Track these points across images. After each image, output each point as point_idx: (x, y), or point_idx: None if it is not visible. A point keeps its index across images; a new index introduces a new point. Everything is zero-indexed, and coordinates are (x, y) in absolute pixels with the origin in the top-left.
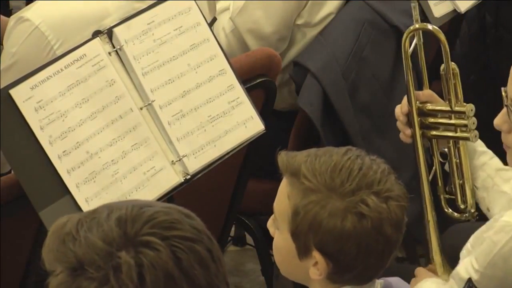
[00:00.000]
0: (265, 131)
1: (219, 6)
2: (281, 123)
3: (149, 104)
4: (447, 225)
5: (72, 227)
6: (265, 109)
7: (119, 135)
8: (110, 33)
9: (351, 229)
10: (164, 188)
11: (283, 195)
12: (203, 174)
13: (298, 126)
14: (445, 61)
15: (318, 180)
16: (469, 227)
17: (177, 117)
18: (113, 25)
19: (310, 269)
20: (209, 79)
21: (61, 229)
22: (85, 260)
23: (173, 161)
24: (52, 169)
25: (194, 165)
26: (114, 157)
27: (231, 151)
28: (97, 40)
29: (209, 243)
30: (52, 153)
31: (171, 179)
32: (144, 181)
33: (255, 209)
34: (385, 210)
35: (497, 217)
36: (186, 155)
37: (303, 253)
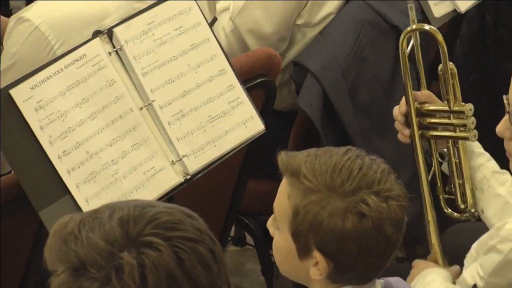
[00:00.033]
0: (265, 131)
1: (219, 6)
2: (281, 123)
3: (149, 104)
4: (447, 225)
5: (74, 227)
6: (265, 109)
7: (119, 135)
8: (110, 33)
9: (352, 229)
10: (164, 188)
11: (283, 195)
12: (203, 174)
13: (298, 126)
14: (443, 61)
15: (318, 180)
16: (469, 227)
17: (177, 117)
18: (113, 25)
19: (310, 269)
20: (209, 79)
21: (63, 228)
22: (87, 260)
23: (173, 161)
24: (52, 169)
25: (194, 165)
26: (114, 157)
27: (231, 151)
28: (97, 40)
29: (211, 243)
30: (52, 153)
31: (171, 179)
32: (144, 181)
33: (255, 209)
34: (386, 210)
35: (499, 224)
36: (186, 155)
37: (304, 253)
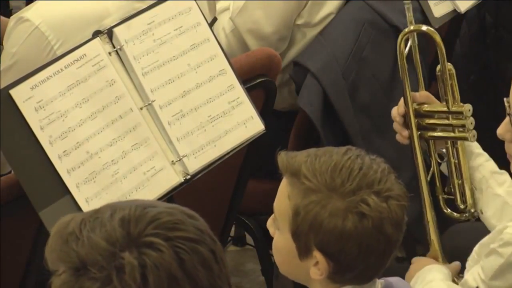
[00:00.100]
0: (265, 131)
1: (219, 6)
2: (281, 123)
3: (149, 104)
4: (447, 225)
5: (75, 227)
6: (265, 109)
7: (119, 135)
8: (110, 33)
9: (352, 229)
10: (164, 188)
11: (283, 195)
12: (203, 174)
13: (298, 126)
14: (441, 62)
15: (318, 180)
16: (469, 227)
17: (177, 117)
18: (113, 25)
19: (310, 269)
20: (209, 79)
21: (64, 228)
22: (88, 260)
23: (173, 161)
24: (52, 169)
25: (194, 165)
26: (114, 157)
27: (231, 151)
28: (97, 40)
29: (212, 244)
30: (52, 153)
31: (171, 179)
32: (144, 181)
33: (255, 209)
34: (386, 210)
35: (500, 227)
36: (186, 155)
37: (304, 253)
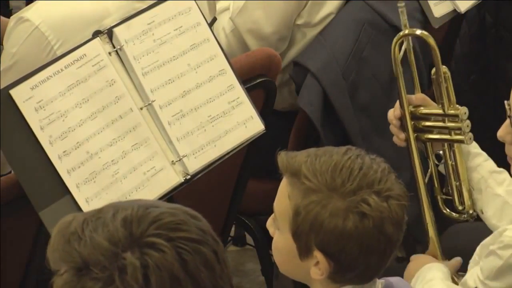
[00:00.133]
0: (265, 131)
1: (219, 6)
2: (281, 123)
3: (149, 104)
4: (446, 225)
5: (77, 227)
6: (265, 109)
7: (119, 135)
8: (110, 33)
9: (353, 228)
10: (164, 188)
11: (283, 195)
12: (203, 174)
13: (298, 126)
14: (435, 65)
15: (318, 180)
16: (468, 227)
17: (177, 117)
18: (113, 25)
19: (311, 269)
20: (209, 79)
21: (66, 228)
22: (90, 260)
23: (173, 161)
24: (52, 169)
25: (194, 165)
26: (114, 157)
27: (231, 151)
28: (97, 40)
29: (214, 244)
30: (52, 153)
31: (171, 179)
32: (144, 181)
33: (255, 209)
34: (386, 209)
35: (500, 229)
36: (186, 155)
37: (304, 253)
